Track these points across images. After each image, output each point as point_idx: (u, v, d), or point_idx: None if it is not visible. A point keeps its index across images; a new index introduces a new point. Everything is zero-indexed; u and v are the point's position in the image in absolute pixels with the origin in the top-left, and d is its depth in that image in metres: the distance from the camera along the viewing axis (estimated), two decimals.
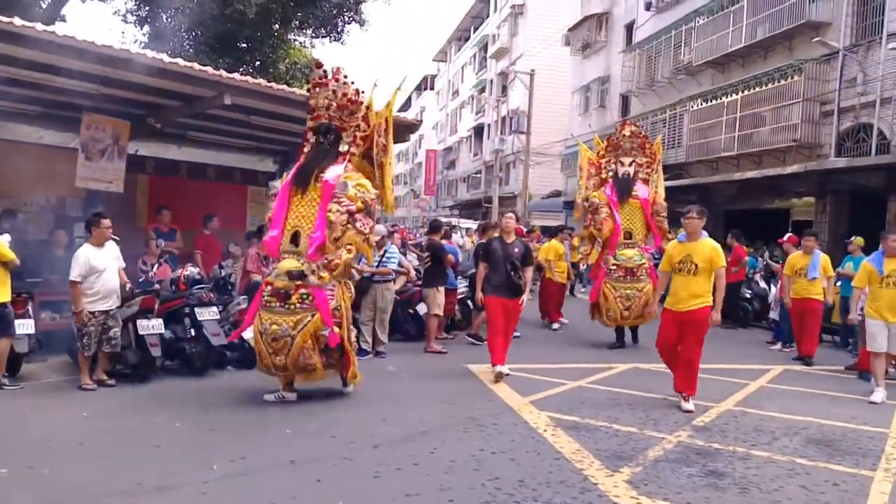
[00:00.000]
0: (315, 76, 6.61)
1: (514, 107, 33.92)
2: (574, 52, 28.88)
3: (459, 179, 46.61)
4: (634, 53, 23.33)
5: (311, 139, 6.60)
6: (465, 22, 46.79)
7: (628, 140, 10.28)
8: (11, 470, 4.30)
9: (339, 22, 18.62)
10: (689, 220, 6.47)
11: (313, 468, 4.54)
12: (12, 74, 7.38)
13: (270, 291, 6.08)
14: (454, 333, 10.41)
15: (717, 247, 6.45)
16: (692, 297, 6.33)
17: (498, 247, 7.47)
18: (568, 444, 5.18)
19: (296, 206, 6.31)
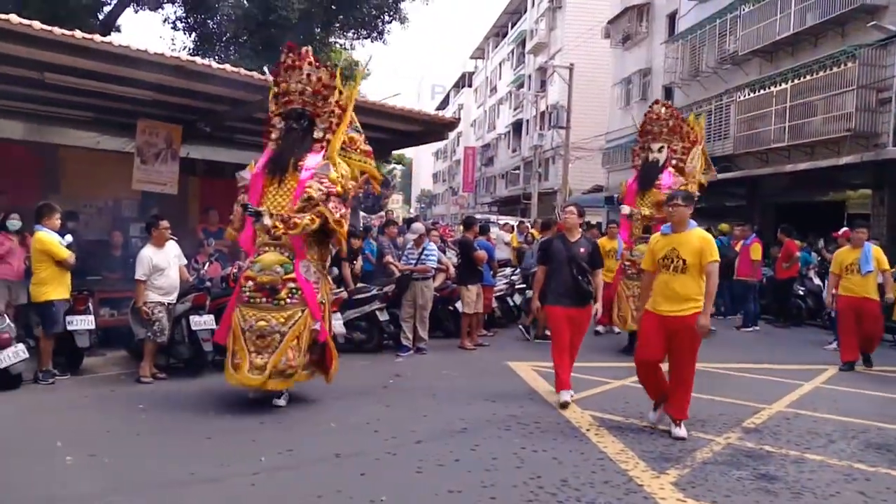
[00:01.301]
0: (287, 59, 6.20)
1: (552, 102, 33.67)
2: (614, 45, 28.52)
3: (498, 176, 46.50)
4: (677, 44, 22.95)
5: (278, 125, 6.23)
6: (503, 18, 46.62)
7: (657, 123, 9.27)
8: (76, 458, 4.55)
9: (380, 22, 18.81)
10: (674, 208, 5.52)
11: (357, 462, 4.67)
12: (73, 83, 7.74)
13: (253, 287, 5.76)
14: (494, 330, 10.49)
15: (708, 238, 5.48)
16: (680, 300, 5.35)
17: (560, 247, 6.40)
18: (612, 444, 5.17)
19: (272, 195, 5.95)
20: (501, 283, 11.14)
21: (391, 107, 10.38)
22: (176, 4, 17.55)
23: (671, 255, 5.42)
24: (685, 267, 5.34)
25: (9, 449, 4.76)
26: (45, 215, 6.71)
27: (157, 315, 6.82)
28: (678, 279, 5.36)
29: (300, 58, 6.16)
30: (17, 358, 6.26)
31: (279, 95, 6.22)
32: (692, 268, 5.33)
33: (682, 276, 5.35)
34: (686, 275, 5.34)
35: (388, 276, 9.66)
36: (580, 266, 6.26)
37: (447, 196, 60.65)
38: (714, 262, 5.31)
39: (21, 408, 5.88)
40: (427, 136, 12.06)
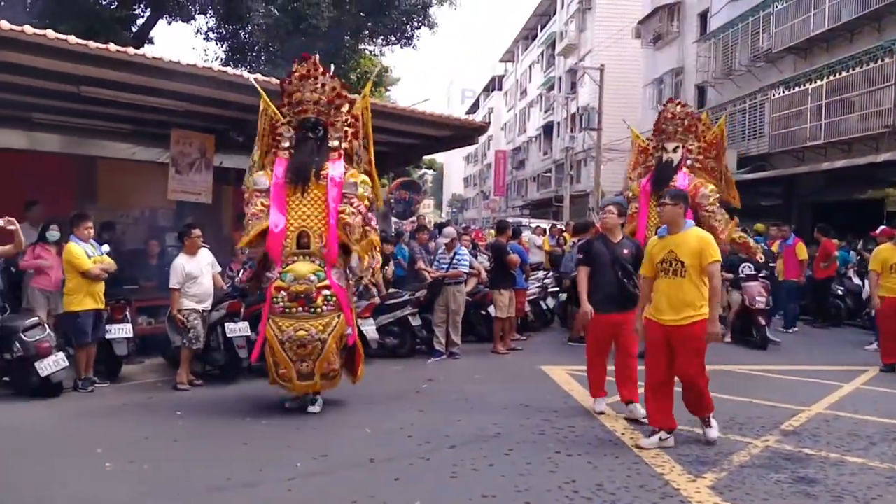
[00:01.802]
0: (301, 68, 6.18)
1: (583, 103, 33.48)
2: (645, 45, 28.26)
3: (529, 179, 46.35)
4: (710, 43, 22.64)
5: (287, 133, 6.20)
6: (532, 21, 46.51)
7: (671, 122, 8.86)
8: (115, 464, 4.63)
9: (409, 28, 18.91)
10: (662, 208, 5.22)
11: (391, 467, 4.68)
12: (108, 96, 7.90)
13: (289, 297, 5.78)
14: (527, 334, 10.43)
15: (707, 237, 5.09)
16: (681, 306, 4.98)
17: (602, 248, 6.00)
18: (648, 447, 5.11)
19: (297, 205, 5.98)
20: (534, 286, 11.07)
21: (421, 112, 10.42)
22: (208, 15, 17.86)
23: (669, 259, 5.07)
24: (684, 270, 5.00)
25: (51, 454, 4.87)
26: (75, 224, 6.86)
27: (192, 322, 6.93)
28: (677, 284, 5.01)
29: (314, 67, 6.18)
30: (57, 366, 6.41)
31: (292, 105, 6.22)
32: (692, 270, 4.98)
33: (682, 281, 4.99)
34: (686, 279, 4.99)
35: (419, 281, 9.67)
36: (625, 268, 5.88)
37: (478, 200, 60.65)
38: (715, 262, 4.99)
39: (62, 415, 6.01)
40: (457, 141, 12.06)
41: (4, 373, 6.68)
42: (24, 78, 7.26)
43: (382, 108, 10.27)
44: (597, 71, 27.86)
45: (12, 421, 5.78)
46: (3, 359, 6.59)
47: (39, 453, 4.90)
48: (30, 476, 4.43)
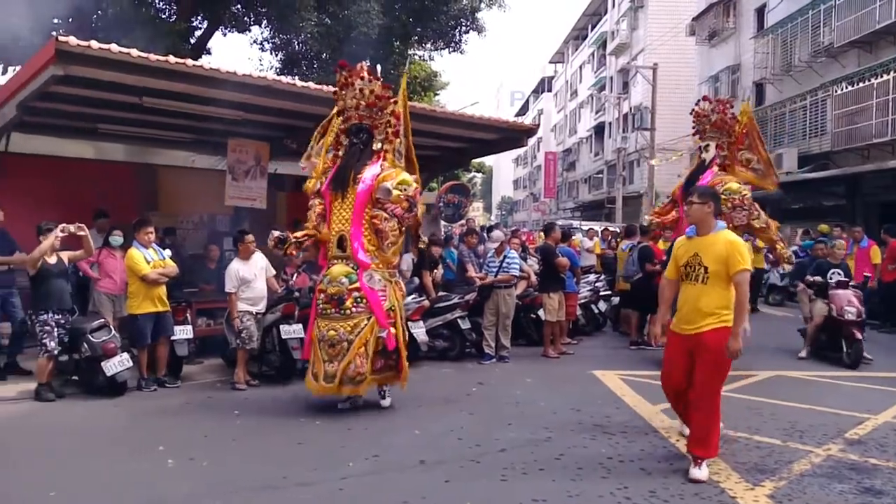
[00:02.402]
0: (339, 77, 6.38)
1: (636, 103, 32.99)
2: (700, 42, 27.68)
3: (580, 180, 45.89)
4: (767, 38, 22.02)
5: (343, 142, 6.46)
6: (582, 21, 46.08)
7: (701, 121, 8.53)
8: (176, 461, 4.81)
9: (457, 32, 18.99)
10: (689, 206, 4.76)
11: (442, 469, 4.72)
12: (168, 106, 8.19)
13: (325, 298, 6.06)
14: (578, 338, 10.34)
15: (736, 242, 4.58)
16: (702, 315, 4.54)
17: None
18: None
19: (338, 210, 6.23)
20: (585, 290, 10.97)
21: (470, 116, 10.45)
22: (263, 26, 18.31)
23: (692, 263, 4.65)
24: (707, 276, 4.55)
25: (116, 451, 5.08)
26: (136, 230, 7.14)
27: (246, 324, 7.12)
28: (699, 290, 4.57)
29: (352, 74, 6.32)
30: (122, 366, 6.68)
31: (342, 113, 6.42)
32: (716, 277, 4.52)
33: (705, 287, 4.54)
34: (708, 285, 4.54)
35: (468, 284, 9.69)
36: None
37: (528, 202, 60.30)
38: (743, 270, 4.45)
39: (126, 413, 6.26)
40: (507, 143, 12.05)
41: (73, 372, 7.03)
42: (91, 91, 7.60)
43: (431, 112, 10.37)
44: (649, 70, 27.44)
45: (80, 418, 6.05)
46: (71, 358, 6.96)
47: (105, 450, 5.12)
48: (96, 472, 4.64)
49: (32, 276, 6.66)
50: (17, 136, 8.97)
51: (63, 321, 6.66)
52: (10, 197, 8.02)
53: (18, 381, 7.07)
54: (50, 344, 6.51)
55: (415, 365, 8.38)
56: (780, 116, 21.20)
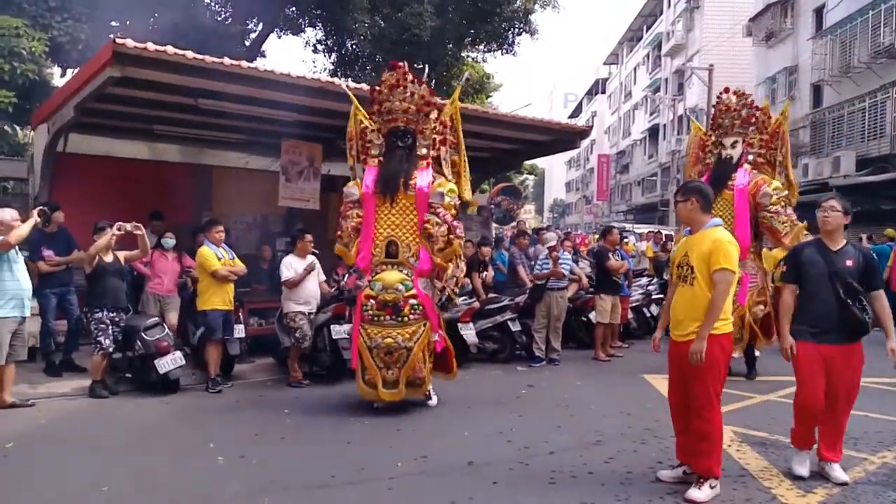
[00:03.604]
0: (391, 77, 6.24)
1: (691, 105, 32.27)
2: (757, 43, 26.89)
3: (633, 183, 45.11)
4: (826, 39, 21.24)
5: (377, 141, 6.32)
6: (637, 22, 45.36)
7: (727, 115, 7.98)
8: (227, 459, 4.85)
9: (510, 34, 18.89)
10: (675, 206, 4.50)
11: (489, 470, 4.65)
12: (223, 108, 8.34)
13: (376, 305, 5.96)
14: (630, 342, 10.13)
15: (721, 239, 4.19)
16: (690, 320, 4.21)
17: (816, 257, 4.54)
18: (755, 460, 4.85)
19: (386, 214, 6.12)
20: (638, 293, 10.74)
21: (522, 117, 10.36)
22: (316, 28, 18.56)
23: (683, 262, 4.34)
24: (693, 277, 4.21)
25: (167, 449, 5.16)
26: (207, 229, 7.31)
27: (300, 323, 7.19)
28: (686, 293, 4.26)
29: (404, 77, 6.20)
30: (174, 364, 6.80)
31: (381, 113, 6.28)
32: (700, 278, 4.18)
33: (692, 290, 4.22)
34: (696, 287, 4.20)
35: (519, 286, 9.59)
36: (848, 285, 4.42)
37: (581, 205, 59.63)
38: (722, 269, 4.10)
39: (179, 410, 6.36)
40: (559, 145, 11.91)
41: (127, 369, 7.19)
42: (147, 92, 7.78)
43: (484, 113, 10.31)
44: (705, 71, 26.84)
45: (132, 415, 6.17)
46: (125, 356, 7.11)
47: (157, 447, 5.20)
48: (147, 468, 4.71)
49: (89, 274, 6.83)
50: (75, 137, 9.23)
51: (117, 319, 6.81)
52: (69, 197, 8.29)
53: (73, 377, 7.25)
54: (104, 342, 6.67)
55: (464, 366, 8.34)
56: (839, 119, 20.43)
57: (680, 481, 4.34)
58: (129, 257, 7.14)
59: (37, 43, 11.75)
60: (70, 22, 12.63)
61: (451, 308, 8.31)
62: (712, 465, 4.18)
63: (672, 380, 4.46)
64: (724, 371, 4.29)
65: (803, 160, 20.52)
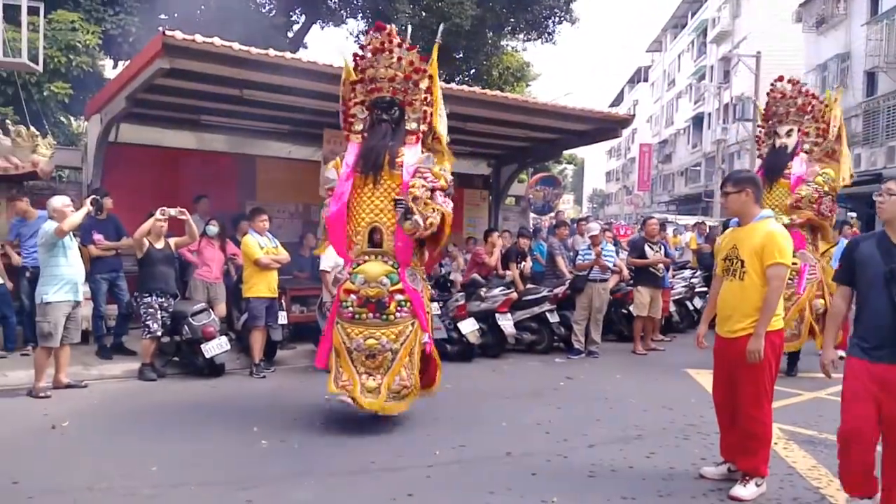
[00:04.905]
0: (375, 40, 5.35)
1: (737, 93, 31.53)
2: (807, 29, 26.09)
3: (676, 173, 44.32)
4: (881, 24, 20.47)
5: (361, 115, 5.49)
6: (682, 8, 44.37)
7: (781, 103, 7.78)
8: (269, 442, 4.97)
9: (550, 23, 18.70)
10: (725, 199, 4.24)
11: (528, 462, 4.66)
12: (267, 98, 8.45)
13: (358, 301, 5.15)
14: (671, 336, 10.00)
15: (775, 232, 4.03)
16: (740, 316, 4.05)
17: (874, 253, 3.63)
18: (802, 459, 4.75)
19: (367, 197, 5.26)
20: (680, 286, 10.58)
21: (562, 106, 10.25)
22: (358, 19, 18.65)
23: (731, 256, 4.16)
24: (743, 271, 4.05)
25: (213, 431, 5.29)
26: (251, 218, 7.48)
27: None
28: (735, 288, 4.09)
29: (389, 39, 5.34)
30: (220, 349, 6.98)
31: (365, 82, 5.43)
32: (752, 272, 4.01)
33: (742, 284, 4.05)
34: (745, 282, 4.03)
35: (557, 277, 9.54)
36: None
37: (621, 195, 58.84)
38: (777, 264, 3.94)
39: (224, 394, 6.53)
40: (600, 135, 11.75)
41: (174, 353, 7.40)
42: (194, 83, 7.93)
43: (523, 102, 10.23)
44: (752, 58, 26.17)
45: (179, 398, 6.36)
46: (173, 340, 7.31)
47: (203, 429, 5.35)
48: (194, 449, 4.85)
49: (139, 260, 7.03)
50: (126, 127, 9.50)
51: (166, 304, 7.00)
52: (119, 185, 8.55)
53: (124, 360, 7.47)
54: (152, 325, 6.87)
55: (501, 357, 8.38)
56: (894, 107, 19.72)
57: (724, 478, 4.29)
58: (179, 243, 7.33)
59: (90, 36, 12.13)
60: (121, 15, 13.02)
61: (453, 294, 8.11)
62: (759, 463, 4.08)
63: (717, 376, 4.33)
64: (775, 369, 4.15)
65: (856, 150, 19.88)
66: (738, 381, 4.11)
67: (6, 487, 4.05)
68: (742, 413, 4.11)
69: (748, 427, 4.09)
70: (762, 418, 4.07)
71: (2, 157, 8.00)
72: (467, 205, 12.82)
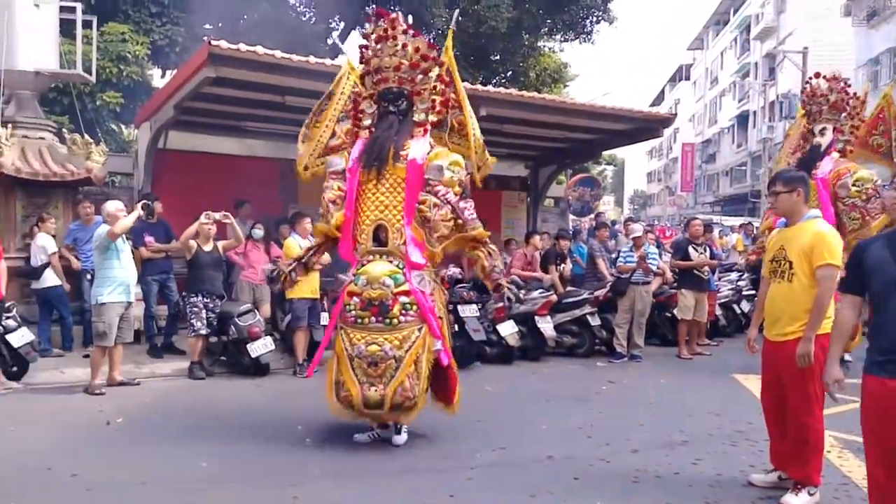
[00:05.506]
0: (378, 28, 5.06)
1: (783, 90, 30.82)
2: (857, 23, 25.39)
3: (721, 173, 43.52)
4: None
5: (369, 109, 5.18)
6: (724, 5, 43.60)
7: (814, 101, 7.59)
8: (313, 441, 5.05)
9: (588, 23, 18.55)
10: (776, 198, 4.10)
11: (570, 466, 4.62)
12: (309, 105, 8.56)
13: (360, 304, 4.78)
14: (718, 340, 9.81)
15: (826, 232, 3.92)
16: (789, 319, 3.93)
17: (885, 256, 3.14)
18: (858, 468, 4.57)
19: (372, 193, 4.98)
20: (726, 288, 10.38)
21: (601, 106, 10.19)
22: None
23: (778, 257, 4.06)
24: (792, 272, 3.94)
25: (259, 429, 5.39)
26: (295, 222, 7.64)
27: None
28: (784, 290, 3.98)
29: (393, 26, 5.04)
30: (265, 349, 7.12)
31: (371, 73, 5.14)
32: (801, 273, 3.89)
33: (790, 286, 3.94)
34: (794, 283, 3.92)
35: (598, 279, 9.45)
36: None
37: (663, 196, 58.03)
38: (827, 265, 3.79)
39: (269, 393, 6.66)
40: (640, 135, 11.63)
41: (221, 353, 7.58)
42: (239, 91, 8.11)
43: (561, 103, 10.21)
44: (799, 54, 25.53)
45: (227, 396, 6.50)
46: (220, 340, 7.50)
47: (251, 426, 5.45)
48: (241, 447, 4.94)
49: (188, 262, 7.23)
50: (174, 134, 9.81)
51: (212, 305, 7.17)
52: (168, 190, 8.80)
53: (174, 359, 7.69)
54: (196, 324, 7.06)
55: (541, 360, 8.34)
56: None
57: (774, 487, 4.18)
58: (226, 247, 7.50)
59: (140, 47, 12.55)
60: (168, 26, 13.42)
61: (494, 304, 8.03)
62: (811, 472, 3.94)
63: (766, 381, 4.22)
64: None
65: None
66: (787, 387, 3.99)
67: (66, 479, 4.20)
68: (793, 419, 3.98)
69: (799, 434, 3.96)
70: (814, 425, 3.94)
71: (59, 163, 8.31)
72: (505, 207, 12.80)
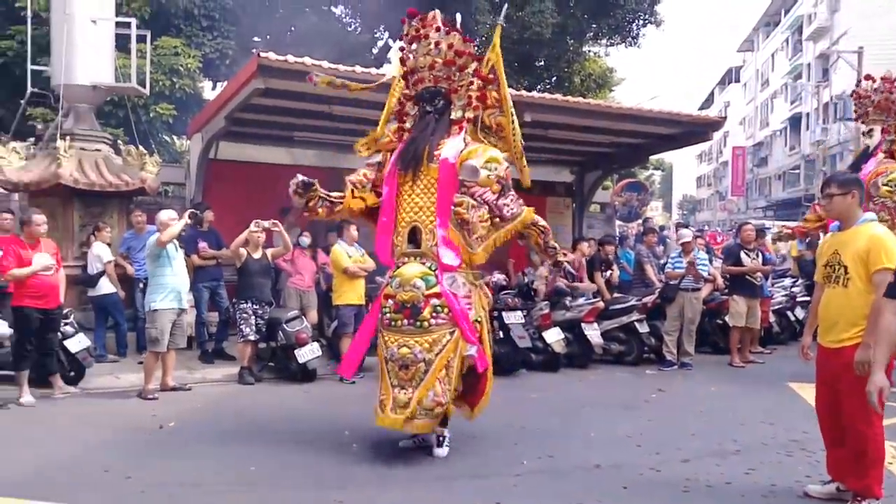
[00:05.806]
0: (411, 29, 5.00)
1: (837, 92, 29.88)
2: None
3: (773, 177, 42.35)
4: None
5: (411, 111, 5.13)
6: (775, 5, 42.55)
7: (861, 103, 7.65)
8: (360, 446, 5.06)
9: (634, 27, 18.34)
10: (829, 201, 3.98)
11: (618, 474, 4.55)
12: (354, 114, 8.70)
13: (393, 307, 4.75)
14: (772, 347, 9.54)
15: (880, 235, 3.80)
16: (846, 325, 3.80)
17: None
18: None
19: (408, 195, 4.92)
20: (780, 295, 10.10)
21: (647, 110, 10.06)
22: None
23: (832, 262, 3.95)
24: (847, 277, 3.82)
25: (308, 434, 5.45)
26: (340, 230, 7.72)
27: None
28: (839, 295, 3.86)
29: (424, 24, 4.95)
30: (312, 355, 7.23)
31: (409, 74, 5.10)
32: (856, 278, 3.77)
33: (846, 292, 3.81)
34: (850, 289, 3.80)
35: (645, 285, 9.30)
36: None
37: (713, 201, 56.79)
38: (885, 269, 3.62)
39: (316, 398, 6.75)
40: (689, 139, 11.44)
41: (270, 358, 7.71)
42: (287, 101, 8.27)
43: (607, 108, 10.10)
44: (854, 54, 24.76)
45: (275, 401, 6.61)
46: (268, 346, 7.63)
47: (299, 431, 5.52)
48: (288, 450, 5.00)
49: (238, 269, 7.40)
50: (224, 145, 10.06)
51: (261, 311, 7.32)
52: (220, 199, 9.01)
53: (224, 364, 7.87)
54: (245, 329, 7.20)
55: (588, 368, 8.25)
56: None
57: (832, 498, 4.04)
58: (275, 254, 7.65)
59: (191, 60, 12.95)
60: (219, 39, 13.83)
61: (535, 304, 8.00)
62: (871, 483, 3.78)
63: (821, 389, 4.08)
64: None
65: None
66: (844, 395, 3.83)
67: (120, 481, 4.32)
68: (850, 428, 3.82)
69: (858, 444, 3.79)
70: (873, 434, 3.77)
71: (114, 174, 8.60)
72: (550, 213, 12.70)
